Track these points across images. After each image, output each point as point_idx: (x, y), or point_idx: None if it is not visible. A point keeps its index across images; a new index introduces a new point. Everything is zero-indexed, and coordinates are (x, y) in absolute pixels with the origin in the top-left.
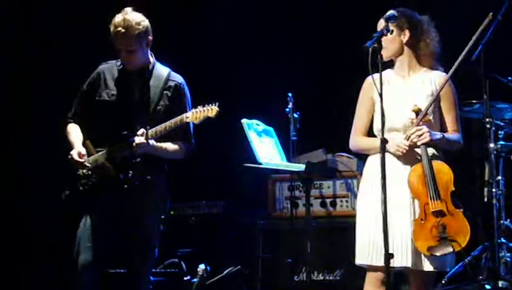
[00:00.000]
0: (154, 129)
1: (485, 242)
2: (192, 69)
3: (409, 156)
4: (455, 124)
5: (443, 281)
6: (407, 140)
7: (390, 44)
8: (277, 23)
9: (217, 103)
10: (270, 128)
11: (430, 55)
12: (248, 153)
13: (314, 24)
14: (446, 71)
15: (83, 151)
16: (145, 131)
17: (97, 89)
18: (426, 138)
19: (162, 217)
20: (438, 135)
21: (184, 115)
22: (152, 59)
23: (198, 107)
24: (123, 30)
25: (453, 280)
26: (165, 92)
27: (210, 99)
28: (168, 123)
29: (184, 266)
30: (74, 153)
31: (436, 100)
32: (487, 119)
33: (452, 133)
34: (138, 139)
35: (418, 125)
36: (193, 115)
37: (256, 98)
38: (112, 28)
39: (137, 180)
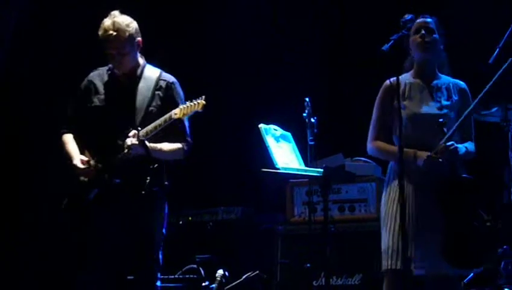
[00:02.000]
0: (145, 129)
1: (503, 246)
2: (209, 75)
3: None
4: (471, 133)
5: (462, 285)
6: (436, 154)
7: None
8: (294, 28)
9: (204, 96)
10: (288, 134)
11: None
12: (266, 158)
13: (332, 28)
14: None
15: (85, 158)
16: (136, 132)
17: (89, 96)
18: (455, 153)
19: (180, 222)
20: (463, 149)
21: (172, 111)
22: (142, 61)
23: (187, 102)
24: (114, 33)
25: (472, 284)
26: (156, 92)
27: (225, 103)
28: (158, 122)
29: (202, 272)
30: (77, 162)
31: (465, 116)
32: (505, 123)
33: (469, 143)
34: (130, 141)
35: (445, 141)
36: (181, 111)
37: (273, 103)
38: (101, 32)
39: (155, 186)
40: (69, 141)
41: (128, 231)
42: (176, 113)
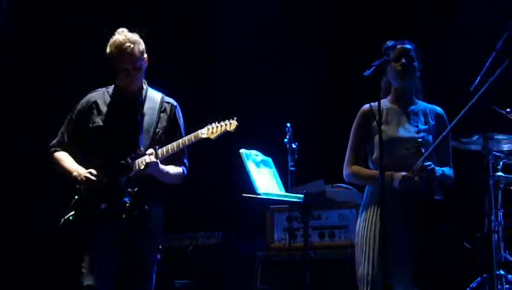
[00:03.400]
0: (164, 148)
1: (483, 274)
2: (192, 97)
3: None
4: (449, 159)
5: None
6: (412, 175)
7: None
8: (276, 53)
9: (235, 117)
10: (269, 159)
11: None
12: (247, 183)
13: (313, 54)
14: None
15: (94, 171)
16: (153, 151)
17: (89, 116)
18: (432, 175)
19: (160, 246)
20: (440, 171)
21: (199, 131)
22: (145, 84)
23: (214, 123)
24: (132, 46)
25: None
26: (161, 114)
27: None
28: (181, 141)
29: None
30: (87, 173)
31: (443, 136)
32: (485, 151)
33: (447, 168)
34: (148, 158)
35: (423, 161)
36: (209, 131)
37: (254, 128)
38: (114, 48)
39: (135, 210)
40: (64, 157)
41: (124, 252)
42: (204, 132)
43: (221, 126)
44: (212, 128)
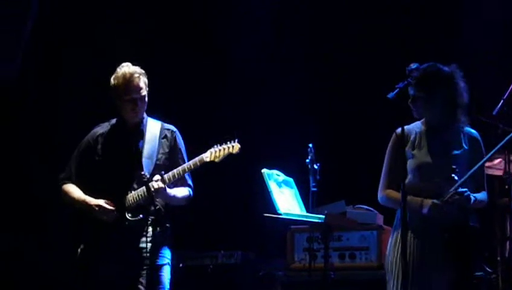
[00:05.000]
0: (171, 173)
1: None
2: (214, 119)
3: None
4: (483, 183)
5: None
6: (445, 202)
7: (425, 109)
8: (299, 73)
9: (238, 139)
10: (290, 179)
11: (460, 111)
12: (268, 203)
13: (336, 75)
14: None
15: (102, 201)
16: (159, 177)
17: (94, 149)
18: (467, 202)
19: (181, 265)
20: (473, 198)
21: (203, 155)
22: (144, 114)
23: (216, 146)
24: (139, 76)
25: None
26: (162, 140)
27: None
28: (186, 165)
29: None
30: (102, 202)
31: (475, 169)
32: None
33: (481, 192)
34: (156, 185)
35: (456, 189)
36: (212, 155)
37: (277, 148)
38: (121, 80)
39: (158, 226)
40: (74, 189)
41: (131, 273)
42: (207, 156)
43: (224, 149)
44: (215, 151)
